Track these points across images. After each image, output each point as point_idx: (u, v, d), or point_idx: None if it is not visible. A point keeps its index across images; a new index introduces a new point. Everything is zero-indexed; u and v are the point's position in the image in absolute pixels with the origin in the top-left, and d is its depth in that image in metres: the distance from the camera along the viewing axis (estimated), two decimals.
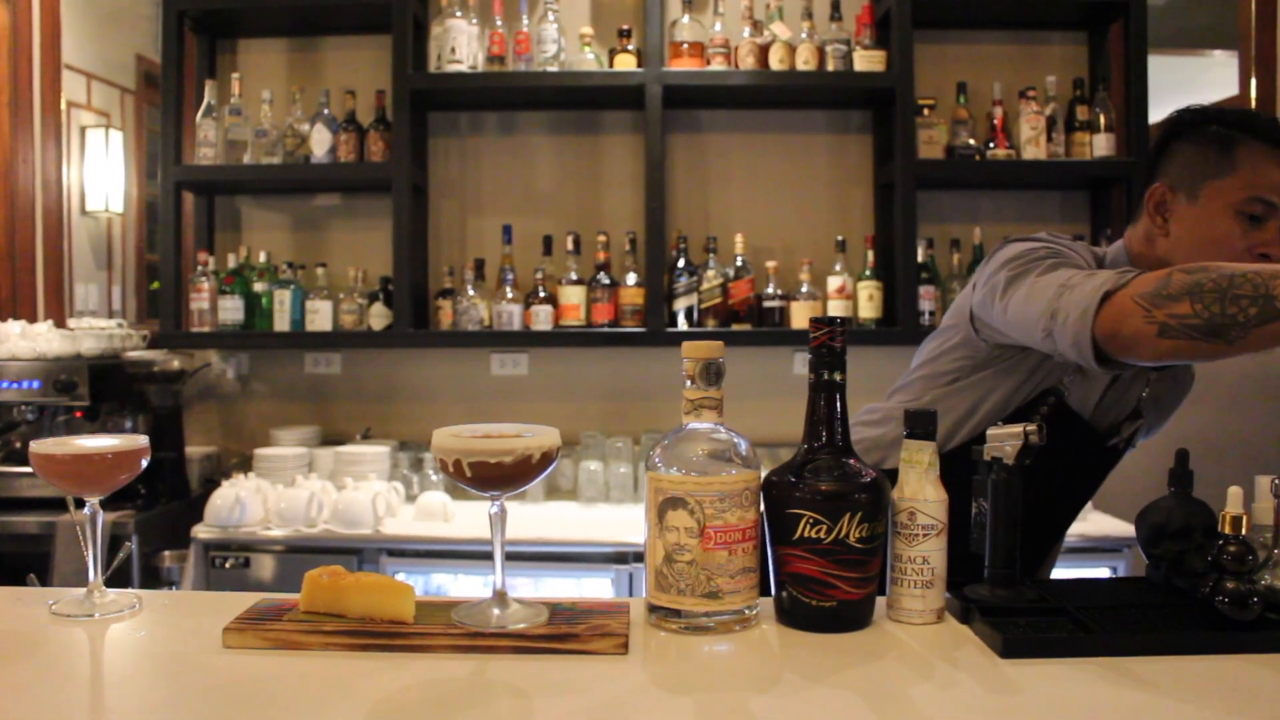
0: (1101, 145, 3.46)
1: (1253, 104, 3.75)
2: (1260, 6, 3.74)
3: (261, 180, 3.64)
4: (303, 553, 3.10)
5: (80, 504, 1.35)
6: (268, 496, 3.20)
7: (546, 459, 1.23)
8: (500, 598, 1.26)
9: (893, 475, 1.32)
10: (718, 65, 3.47)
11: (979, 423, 1.72)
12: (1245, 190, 1.63)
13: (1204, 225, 1.67)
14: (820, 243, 3.65)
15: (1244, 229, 1.64)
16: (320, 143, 3.50)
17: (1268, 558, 1.27)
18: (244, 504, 3.13)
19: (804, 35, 3.46)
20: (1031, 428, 1.29)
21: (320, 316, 3.52)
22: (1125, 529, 3.05)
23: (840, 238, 3.55)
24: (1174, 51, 4.03)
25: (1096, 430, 1.77)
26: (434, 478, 3.45)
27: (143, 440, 1.36)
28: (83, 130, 4.06)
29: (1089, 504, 3.16)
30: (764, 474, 1.30)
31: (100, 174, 4.07)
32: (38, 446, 1.31)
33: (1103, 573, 3.06)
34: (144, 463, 1.36)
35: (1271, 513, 1.28)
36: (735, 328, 3.46)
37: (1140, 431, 1.85)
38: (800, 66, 3.44)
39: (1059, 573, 2.10)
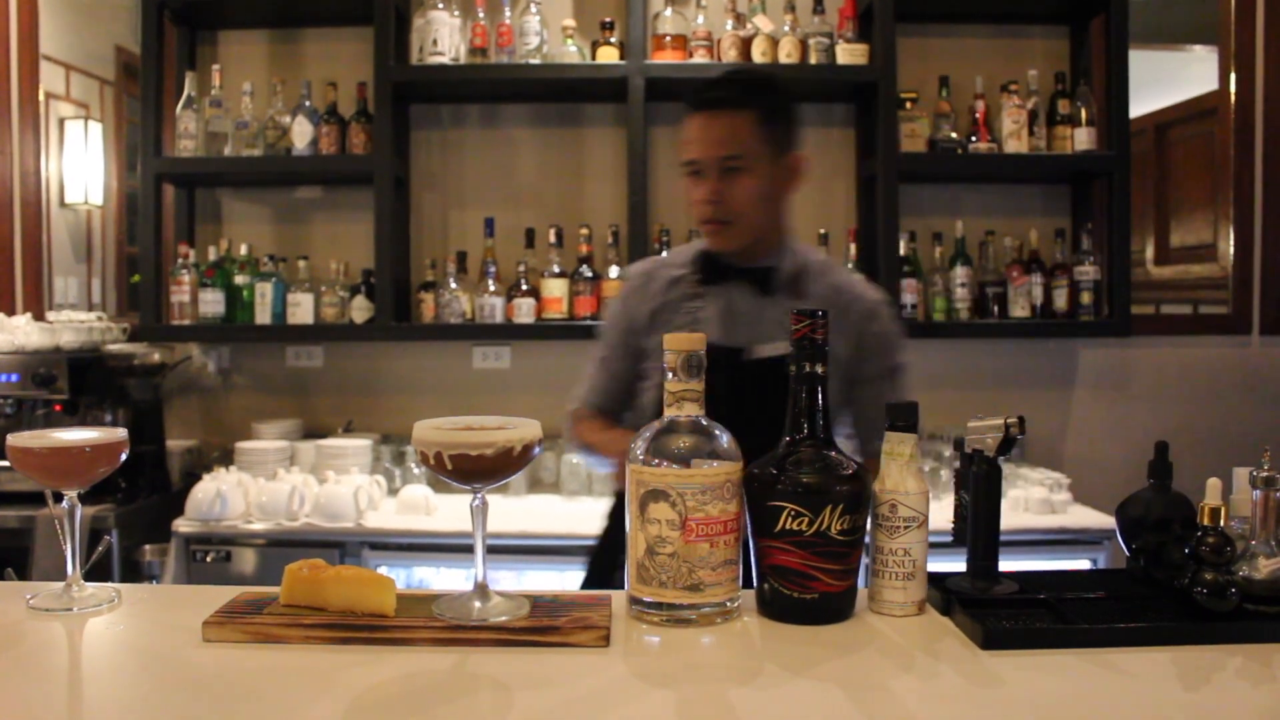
0: (1083, 139, 3.47)
1: (1232, 99, 3.77)
2: (1239, 2, 3.76)
3: (242, 172, 3.62)
4: (284, 546, 3.08)
5: (59, 498, 1.34)
6: (249, 490, 3.18)
7: (528, 451, 1.23)
8: (482, 590, 1.25)
9: None
10: (700, 58, 3.46)
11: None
12: (682, 153, 1.95)
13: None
14: (803, 236, 3.61)
15: (691, 185, 1.95)
16: (301, 135, 3.48)
17: (1245, 549, 1.28)
18: (225, 497, 3.11)
19: (786, 28, 3.46)
20: (1012, 420, 1.30)
21: (302, 309, 3.50)
22: (1105, 521, 3.07)
23: (823, 231, 3.55)
24: (1154, 46, 4.04)
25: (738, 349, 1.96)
26: (416, 471, 3.44)
27: (121, 433, 1.36)
28: (61, 122, 4.02)
29: (1068, 496, 3.19)
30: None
31: (79, 166, 4.03)
32: (15, 440, 1.30)
33: (1083, 565, 3.07)
34: (122, 456, 1.35)
35: (1249, 504, 1.29)
36: None
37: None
38: (783, 60, 3.43)
39: (1039, 565, 2.11)
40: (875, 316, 2.00)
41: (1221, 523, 1.25)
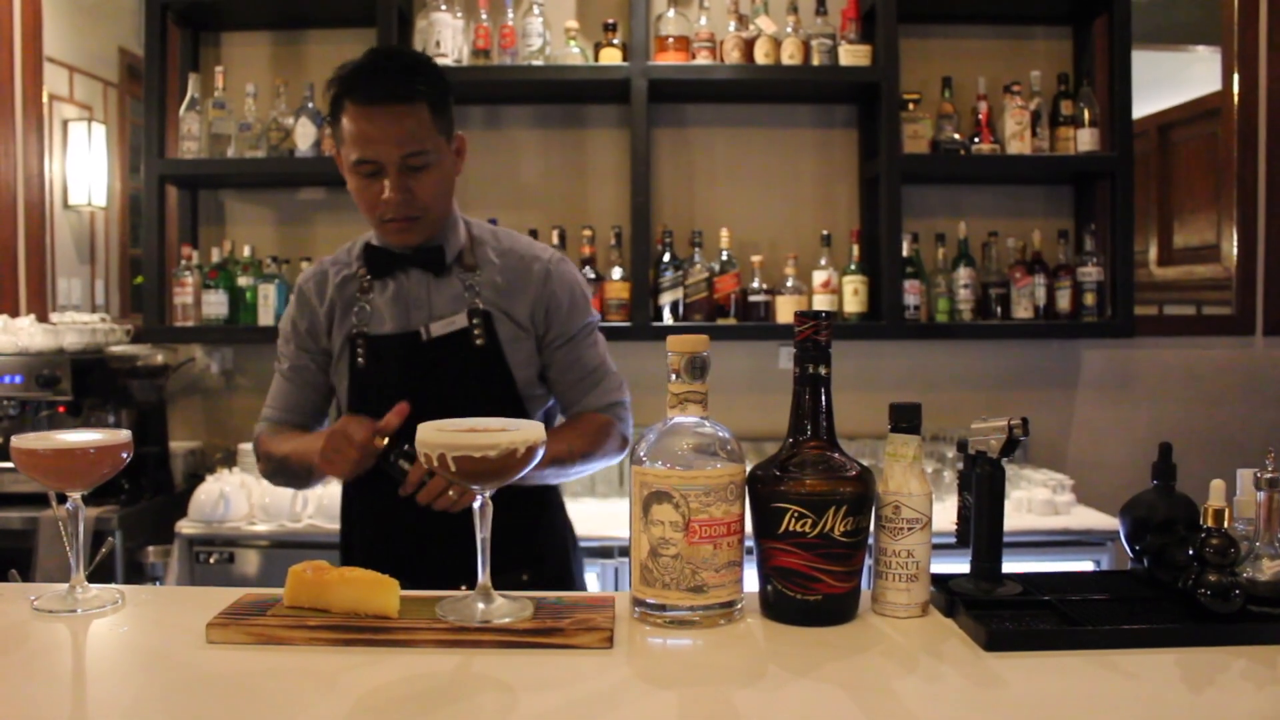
0: (1086, 140, 3.47)
1: (1235, 99, 3.77)
2: (1243, 3, 3.76)
3: (245, 174, 3.61)
4: (287, 548, 3.08)
5: (62, 499, 1.34)
6: (252, 491, 3.18)
7: (531, 453, 1.23)
8: (485, 592, 1.25)
9: None
10: (703, 59, 3.46)
11: None
12: (351, 151, 1.84)
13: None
14: (806, 237, 3.65)
15: (364, 184, 1.86)
16: (304, 136, 3.48)
17: (1249, 551, 1.27)
18: (228, 499, 3.11)
19: (789, 29, 3.46)
20: (1016, 421, 1.30)
21: None
22: (1109, 523, 3.06)
23: (825, 232, 3.55)
24: (1157, 47, 4.04)
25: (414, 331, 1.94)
26: None
27: (124, 435, 1.36)
28: (65, 123, 4.03)
29: (1072, 497, 3.19)
30: (749, 468, 1.30)
31: (83, 167, 4.03)
32: (19, 441, 1.31)
33: (1086, 566, 3.07)
34: (126, 457, 1.35)
35: (1253, 506, 1.29)
36: (720, 322, 3.46)
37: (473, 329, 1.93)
38: (785, 61, 3.43)
39: (1043, 566, 2.11)
40: (552, 276, 1.98)
41: (1225, 524, 1.24)
